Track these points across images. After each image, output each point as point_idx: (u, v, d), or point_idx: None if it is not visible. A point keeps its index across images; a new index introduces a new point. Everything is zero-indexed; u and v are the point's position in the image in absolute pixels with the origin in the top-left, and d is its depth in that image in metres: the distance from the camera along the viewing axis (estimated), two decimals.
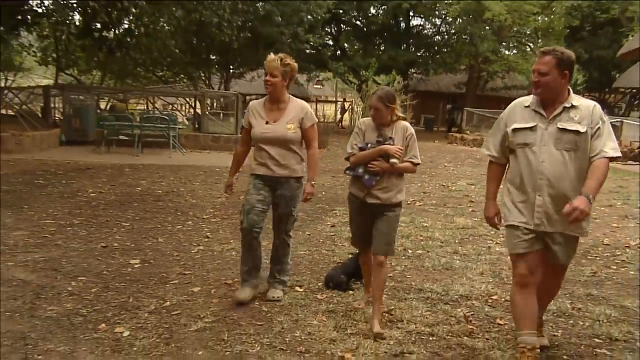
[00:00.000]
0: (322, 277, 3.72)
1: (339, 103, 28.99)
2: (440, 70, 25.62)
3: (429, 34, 27.29)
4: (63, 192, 6.69)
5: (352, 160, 3.01)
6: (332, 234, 5.09)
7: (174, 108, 20.76)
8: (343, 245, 4.60)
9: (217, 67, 21.15)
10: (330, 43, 25.80)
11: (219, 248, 4.51)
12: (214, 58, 20.42)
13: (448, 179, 9.18)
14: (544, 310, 2.85)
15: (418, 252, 4.53)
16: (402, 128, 2.94)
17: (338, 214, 5.93)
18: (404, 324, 2.97)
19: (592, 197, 2.28)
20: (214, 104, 17.70)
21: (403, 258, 4.30)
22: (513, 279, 2.59)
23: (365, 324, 2.92)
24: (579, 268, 4.15)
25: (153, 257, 4.20)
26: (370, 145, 2.94)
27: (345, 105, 27.17)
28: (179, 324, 2.91)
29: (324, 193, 7.48)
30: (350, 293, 3.46)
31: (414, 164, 2.96)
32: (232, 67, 20.83)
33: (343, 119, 26.54)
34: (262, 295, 3.34)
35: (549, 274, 2.61)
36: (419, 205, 6.72)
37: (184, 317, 3.01)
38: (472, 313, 3.20)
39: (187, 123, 17.46)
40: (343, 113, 27.17)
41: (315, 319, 3.00)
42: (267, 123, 3.18)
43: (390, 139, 2.92)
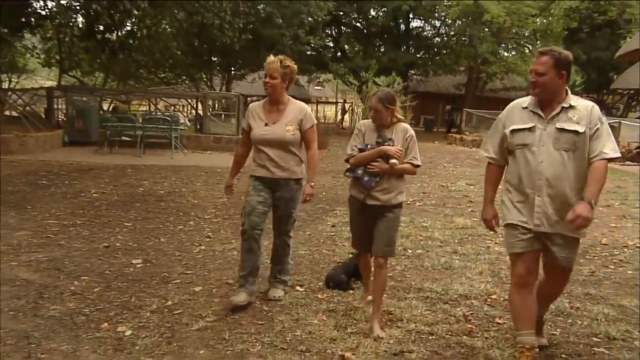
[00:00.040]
0: (322, 276, 3.73)
1: (340, 104, 28.97)
2: (440, 72, 25.71)
3: (429, 36, 27.36)
4: (66, 192, 6.73)
5: (351, 162, 2.99)
6: (332, 234, 5.10)
7: (176, 109, 20.85)
8: (343, 245, 4.60)
9: (218, 68, 21.24)
10: (331, 45, 25.85)
11: (221, 248, 4.53)
12: (216, 60, 20.50)
13: (447, 179, 9.18)
14: (546, 310, 2.84)
15: (418, 251, 4.54)
16: (402, 129, 2.92)
17: (338, 214, 5.93)
18: (404, 323, 2.98)
19: (594, 202, 2.28)
20: (216, 105, 17.71)
21: (403, 258, 4.31)
22: (511, 279, 2.58)
23: (366, 323, 2.93)
24: (577, 267, 4.15)
25: (155, 256, 4.22)
26: (370, 147, 2.91)
27: (346, 107, 27.16)
28: (181, 323, 2.92)
29: (325, 193, 7.49)
30: (351, 292, 3.47)
31: (414, 166, 2.93)
32: (233, 68, 20.91)
33: (343, 120, 26.54)
34: (263, 295, 3.35)
35: (552, 277, 2.60)
36: (419, 206, 6.72)
37: (186, 316, 3.02)
38: (471, 312, 3.20)
39: (188, 124, 17.48)
40: (343, 114, 27.17)
41: (316, 318, 3.01)
42: (266, 125, 3.17)
43: (390, 140, 2.90)
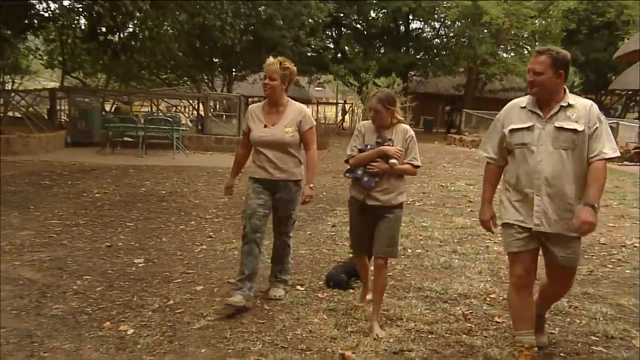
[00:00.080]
0: (323, 276, 3.75)
1: (340, 105, 29.01)
2: (439, 73, 25.83)
3: (428, 37, 27.48)
4: (69, 192, 6.76)
5: (351, 162, 2.98)
6: (332, 234, 5.12)
7: (178, 110, 20.89)
8: (344, 245, 4.61)
9: (219, 69, 21.30)
10: (331, 46, 25.99)
11: (222, 247, 4.55)
12: (217, 61, 20.56)
13: (447, 180, 9.18)
14: (547, 309, 2.83)
15: (417, 251, 4.56)
16: (402, 130, 2.92)
17: (339, 214, 5.95)
18: (404, 322, 2.99)
19: (597, 205, 2.29)
20: (217, 106, 17.76)
21: (403, 257, 4.31)
22: (510, 279, 2.59)
23: (366, 322, 2.94)
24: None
25: (157, 256, 4.24)
26: (370, 147, 2.91)
27: (346, 108, 27.21)
28: (182, 322, 2.93)
29: (325, 193, 7.51)
30: (351, 292, 3.48)
31: (414, 166, 2.91)
32: (234, 69, 20.97)
33: (344, 121, 26.60)
34: (263, 294, 3.37)
35: (554, 278, 2.58)
36: (419, 205, 6.73)
37: (187, 315, 3.03)
38: (470, 311, 3.22)
39: (190, 125, 17.51)
40: (344, 115, 27.23)
41: (316, 317, 3.02)
42: (265, 126, 3.17)
43: (390, 141, 2.89)
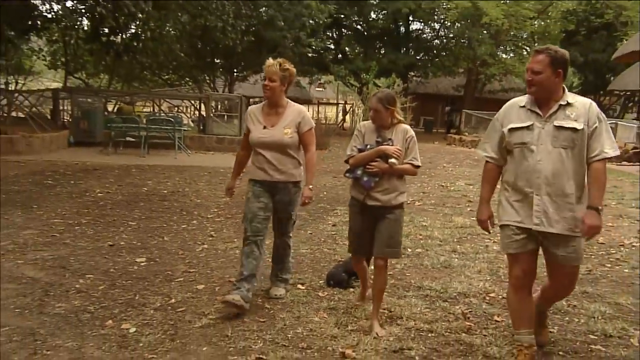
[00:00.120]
0: (323, 275, 3.76)
1: (340, 105, 29.05)
2: (439, 73, 25.92)
3: (428, 38, 27.59)
4: (71, 192, 6.80)
5: (351, 162, 2.96)
6: (333, 233, 5.14)
7: (180, 110, 20.92)
8: (344, 244, 4.60)
9: (221, 70, 21.36)
10: (332, 47, 26.07)
11: (223, 247, 4.57)
12: (219, 61, 20.63)
13: (447, 179, 9.20)
14: (549, 307, 2.79)
15: (417, 250, 4.57)
16: (402, 130, 2.91)
17: (339, 214, 5.96)
18: (404, 321, 3.00)
19: (601, 208, 2.30)
20: (218, 107, 17.82)
21: (403, 256, 4.30)
22: (509, 280, 2.59)
23: (366, 321, 2.95)
24: None
25: (159, 255, 4.26)
26: (369, 147, 2.90)
27: (347, 108, 27.27)
28: (184, 321, 2.95)
29: (326, 193, 7.53)
30: (351, 291, 3.49)
31: (414, 166, 2.89)
32: (236, 70, 21.03)
33: (344, 121, 26.65)
34: (264, 293, 3.39)
35: (555, 279, 2.55)
36: (419, 205, 6.74)
37: (189, 314, 3.05)
38: (470, 310, 3.23)
39: (192, 125, 17.56)
40: (344, 115, 27.29)
41: (317, 316, 3.04)
42: (264, 128, 3.18)
43: (390, 140, 2.89)
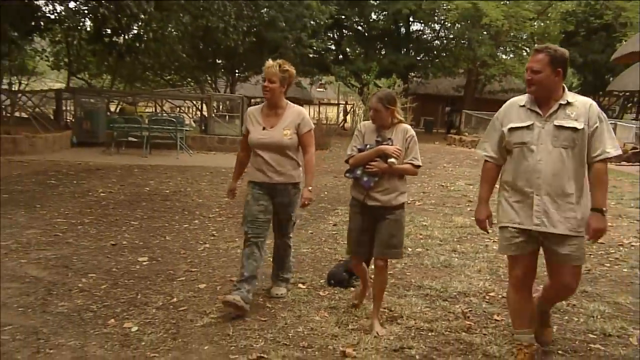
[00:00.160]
0: (324, 274, 3.78)
1: (341, 106, 29.09)
2: (440, 74, 25.99)
3: (429, 39, 27.67)
4: (74, 192, 6.83)
5: (351, 162, 2.96)
6: (334, 233, 5.15)
7: (182, 111, 20.94)
8: (345, 244, 4.54)
9: (223, 70, 21.43)
10: (333, 48, 26.16)
11: (225, 246, 4.59)
12: (220, 62, 20.70)
13: (447, 179, 9.21)
14: (551, 307, 2.75)
15: (418, 250, 4.58)
16: (402, 130, 2.90)
17: (340, 213, 5.97)
18: (404, 320, 3.01)
19: (605, 209, 2.30)
20: (220, 107, 17.88)
21: (403, 256, 4.34)
22: (509, 280, 2.59)
23: (367, 320, 2.97)
24: None
25: (161, 254, 4.28)
26: (369, 147, 2.90)
27: (347, 108, 27.31)
28: (186, 320, 2.97)
29: (327, 193, 7.55)
30: (352, 290, 3.50)
31: (415, 166, 2.88)
32: (237, 70, 21.10)
33: (345, 121, 26.69)
34: (265, 292, 3.41)
35: (556, 279, 2.51)
36: (419, 205, 6.75)
37: (191, 313, 3.07)
38: (470, 309, 3.24)
39: (194, 125, 17.60)
40: (345, 115, 27.34)
41: (318, 315, 3.05)
42: (264, 129, 3.17)
43: (389, 140, 2.88)
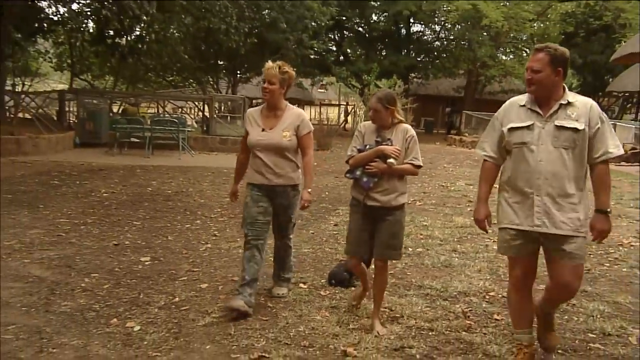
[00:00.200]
0: (325, 274, 3.79)
1: (342, 106, 29.10)
2: (440, 75, 26.08)
3: (429, 40, 27.75)
4: (77, 192, 6.86)
5: (350, 163, 2.95)
6: (335, 233, 5.16)
7: (184, 111, 21.00)
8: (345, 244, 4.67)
9: (224, 72, 21.50)
10: (334, 49, 26.25)
11: (226, 246, 4.61)
12: (222, 63, 20.76)
13: (447, 180, 9.22)
14: (554, 309, 2.69)
15: (418, 250, 4.59)
16: (402, 130, 2.90)
17: (341, 213, 5.98)
18: (404, 320, 3.02)
19: (609, 210, 2.30)
20: (222, 108, 17.95)
21: (404, 256, 4.31)
22: (509, 280, 2.59)
23: (367, 320, 2.98)
24: None
25: (163, 254, 4.30)
26: (369, 147, 2.89)
27: (348, 109, 27.35)
28: (188, 319, 2.98)
29: (327, 193, 7.57)
30: (353, 290, 3.50)
31: (415, 166, 2.86)
32: (239, 72, 21.16)
33: (346, 122, 26.73)
34: (267, 292, 3.42)
35: (556, 280, 2.47)
36: (419, 205, 6.76)
37: (193, 312, 3.08)
38: (470, 309, 3.25)
39: (195, 126, 17.66)
40: (346, 116, 27.38)
41: (319, 315, 3.07)
42: (263, 130, 3.17)
43: (389, 140, 2.88)
